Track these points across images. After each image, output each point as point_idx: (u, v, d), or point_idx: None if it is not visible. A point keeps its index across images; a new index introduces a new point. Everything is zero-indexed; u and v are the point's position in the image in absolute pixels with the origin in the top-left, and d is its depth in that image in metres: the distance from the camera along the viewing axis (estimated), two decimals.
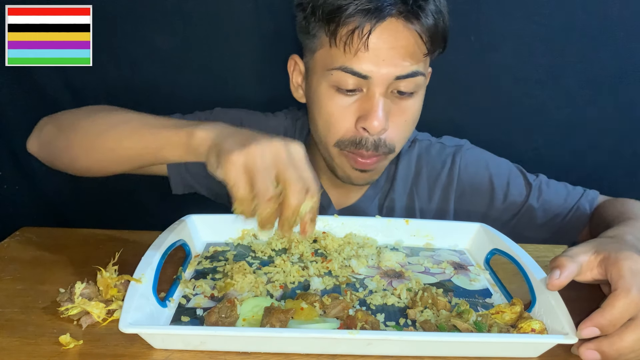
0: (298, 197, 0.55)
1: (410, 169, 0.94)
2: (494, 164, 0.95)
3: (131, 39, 1.06)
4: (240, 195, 0.55)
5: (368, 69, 0.74)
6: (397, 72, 0.75)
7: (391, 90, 0.77)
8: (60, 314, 0.56)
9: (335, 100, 0.78)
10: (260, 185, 0.54)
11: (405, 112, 0.79)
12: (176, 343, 0.52)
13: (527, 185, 0.92)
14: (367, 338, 0.50)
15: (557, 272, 0.55)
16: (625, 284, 0.51)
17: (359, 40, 0.73)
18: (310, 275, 0.66)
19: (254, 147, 0.55)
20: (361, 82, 0.76)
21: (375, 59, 0.74)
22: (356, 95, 0.77)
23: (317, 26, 0.77)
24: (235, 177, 0.54)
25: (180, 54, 1.08)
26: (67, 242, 0.76)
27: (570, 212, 0.90)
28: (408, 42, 0.74)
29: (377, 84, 0.75)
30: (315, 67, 0.80)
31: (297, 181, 0.55)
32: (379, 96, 0.76)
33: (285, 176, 0.55)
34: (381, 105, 0.76)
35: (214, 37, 1.06)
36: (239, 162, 0.54)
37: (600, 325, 0.51)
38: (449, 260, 0.73)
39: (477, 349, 0.53)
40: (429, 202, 0.94)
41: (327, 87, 0.78)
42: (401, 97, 0.78)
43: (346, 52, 0.74)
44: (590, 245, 0.58)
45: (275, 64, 1.09)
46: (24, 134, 1.15)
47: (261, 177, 0.54)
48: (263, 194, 0.54)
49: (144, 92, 1.10)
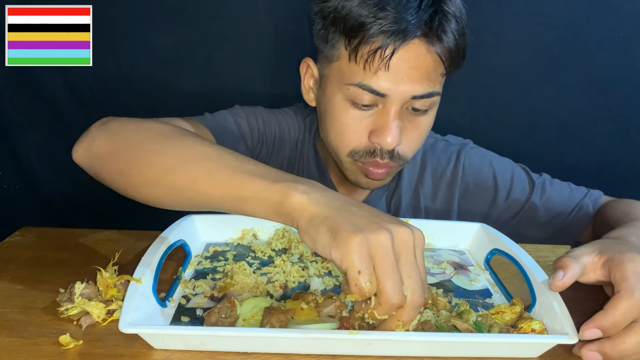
0: (418, 306, 0.49)
1: (415, 166, 0.95)
2: (498, 162, 0.95)
3: (131, 39, 1.06)
4: (362, 288, 0.47)
5: (386, 87, 0.74)
6: (414, 92, 0.74)
7: (406, 107, 0.77)
8: (60, 314, 0.56)
9: (350, 113, 0.78)
10: (390, 284, 0.47)
11: (418, 127, 0.79)
12: (176, 343, 0.52)
13: (530, 183, 0.93)
14: (367, 338, 0.50)
15: (561, 273, 0.55)
16: (628, 286, 0.51)
17: (380, 61, 0.72)
18: (310, 276, 0.66)
19: (385, 234, 0.47)
20: (377, 98, 0.75)
21: (395, 77, 0.73)
22: (371, 110, 0.77)
23: (337, 37, 0.76)
24: (360, 265, 0.47)
25: (180, 54, 1.08)
26: (67, 242, 0.76)
27: (573, 211, 0.90)
28: (428, 64, 0.74)
29: (394, 102, 0.75)
30: (332, 77, 0.80)
31: (421, 294, 0.49)
32: (394, 113, 0.75)
33: (408, 283, 0.48)
34: (396, 122, 0.76)
35: (214, 37, 1.06)
36: (365, 248, 0.47)
37: (602, 327, 0.51)
38: (449, 260, 0.73)
39: (477, 349, 0.53)
40: (434, 199, 0.95)
41: (342, 99, 0.78)
42: (415, 113, 0.78)
43: (366, 69, 0.73)
44: (594, 246, 0.58)
45: (276, 63, 1.09)
46: (24, 134, 1.15)
47: (391, 275, 0.47)
48: (392, 296, 0.47)
49: (144, 92, 1.10)
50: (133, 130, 0.67)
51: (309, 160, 0.94)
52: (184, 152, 0.61)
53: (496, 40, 1.05)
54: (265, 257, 0.71)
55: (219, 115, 0.91)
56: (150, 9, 1.04)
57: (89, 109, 1.11)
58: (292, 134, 0.95)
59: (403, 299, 0.48)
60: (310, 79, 0.87)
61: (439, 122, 0.83)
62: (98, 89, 1.09)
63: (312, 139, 0.95)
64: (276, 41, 1.06)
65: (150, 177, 0.62)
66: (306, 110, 0.98)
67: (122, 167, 0.64)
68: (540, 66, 1.07)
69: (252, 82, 1.11)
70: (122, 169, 0.64)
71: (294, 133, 0.95)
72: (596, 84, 1.08)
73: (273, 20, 1.05)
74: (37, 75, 1.07)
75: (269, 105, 1.01)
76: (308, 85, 0.88)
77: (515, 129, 1.13)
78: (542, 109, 1.11)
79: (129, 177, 0.64)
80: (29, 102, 1.10)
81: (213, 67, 1.09)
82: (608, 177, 1.12)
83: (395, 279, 0.47)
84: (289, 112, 0.98)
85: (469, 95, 1.09)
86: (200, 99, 1.10)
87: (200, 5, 1.05)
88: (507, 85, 1.09)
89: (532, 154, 1.12)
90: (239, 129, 0.90)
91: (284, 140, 0.94)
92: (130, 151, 0.64)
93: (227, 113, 0.92)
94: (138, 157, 0.63)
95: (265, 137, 0.93)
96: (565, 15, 1.03)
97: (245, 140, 0.90)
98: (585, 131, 1.12)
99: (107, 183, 0.67)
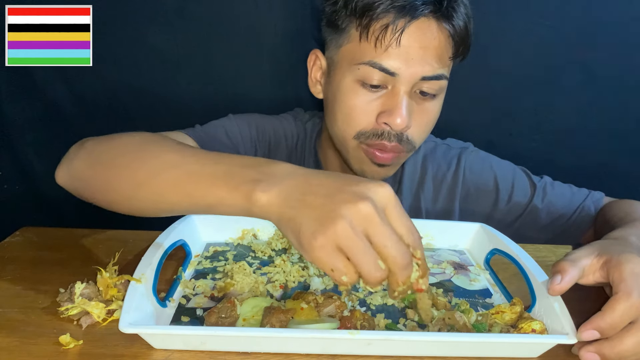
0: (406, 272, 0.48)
1: (416, 170, 0.95)
2: (499, 166, 0.95)
3: (131, 39, 1.06)
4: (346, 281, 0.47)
5: (397, 65, 0.74)
6: (424, 72, 0.75)
7: (415, 90, 0.77)
8: (60, 314, 0.56)
9: (359, 94, 0.78)
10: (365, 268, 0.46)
11: (426, 112, 0.79)
12: (176, 343, 0.52)
13: (532, 186, 0.92)
14: (367, 338, 0.50)
15: (559, 277, 0.55)
16: (626, 287, 0.51)
17: (391, 36, 0.73)
18: (310, 275, 0.66)
19: (340, 224, 0.45)
20: (387, 78, 0.75)
21: (405, 56, 0.74)
22: (380, 91, 0.77)
23: (348, 20, 0.77)
24: (330, 263, 0.46)
25: (180, 54, 1.08)
26: (67, 242, 0.76)
27: (575, 213, 0.90)
28: (439, 43, 0.75)
29: (404, 82, 0.75)
30: (341, 61, 0.80)
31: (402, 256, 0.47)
32: (403, 94, 0.75)
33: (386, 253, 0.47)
34: (405, 103, 0.75)
35: (214, 37, 1.06)
36: (329, 248, 0.46)
37: (600, 328, 0.51)
38: (449, 260, 0.73)
39: (477, 349, 0.53)
40: (434, 203, 0.95)
41: (352, 81, 0.78)
42: (424, 97, 0.78)
43: (377, 47, 0.74)
44: (592, 248, 0.58)
45: (276, 63, 1.09)
46: (24, 134, 1.15)
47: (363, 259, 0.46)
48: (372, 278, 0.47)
49: (144, 92, 1.10)
50: (106, 148, 0.67)
51: (309, 166, 0.93)
52: (151, 165, 0.60)
53: (496, 40, 1.05)
54: (265, 257, 0.71)
55: (209, 125, 0.91)
56: (150, 9, 1.04)
57: (88, 109, 1.11)
58: (289, 140, 0.95)
59: (385, 271, 0.47)
60: (317, 71, 0.87)
61: (439, 123, 0.83)
62: (98, 89, 1.09)
63: (312, 144, 0.95)
64: (276, 41, 1.06)
65: (125, 193, 0.62)
66: (306, 115, 0.98)
67: (100, 185, 0.65)
68: (540, 66, 1.07)
69: (252, 82, 1.11)
70: (100, 188, 0.65)
71: (291, 138, 0.95)
72: (596, 84, 1.08)
73: (273, 20, 1.05)
74: (37, 75, 1.07)
75: (269, 105, 1.01)
76: (315, 78, 0.88)
77: (515, 130, 1.13)
78: (542, 109, 1.11)
79: (107, 194, 0.65)
80: (29, 102, 1.10)
81: (213, 67, 1.09)
82: (608, 178, 1.12)
83: (369, 261, 0.46)
84: (287, 117, 0.98)
85: (469, 96, 1.09)
86: (200, 99, 1.10)
87: (200, 6, 1.05)
88: (507, 86, 1.09)
89: (532, 154, 1.12)
90: (230, 137, 0.90)
91: (280, 145, 0.94)
92: (105, 170, 0.65)
93: (218, 122, 0.92)
94: (112, 174, 0.64)
95: (259, 144, 0.93)
96: (565, 15, 1.03)
97: (237, 148, 0.90)
98: (586, 132, 1.11)
99: (91, 202, 0.68)
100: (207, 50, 1.07)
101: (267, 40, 1.07)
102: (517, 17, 1.04)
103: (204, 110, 1.06)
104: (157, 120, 1.09)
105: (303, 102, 1.05)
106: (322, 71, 0.86)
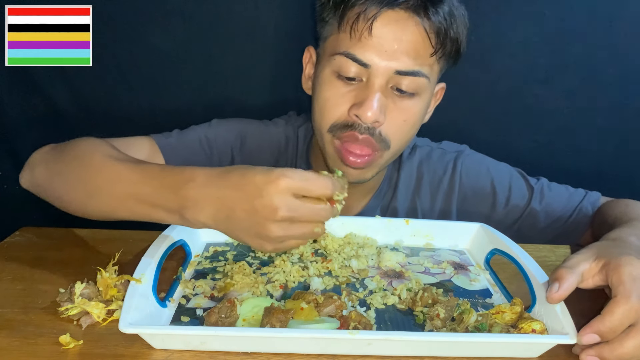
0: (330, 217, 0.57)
1: (412, 176, 0.94)
2: (495, 169, 0.94)
3: (131, 39, 1.06)
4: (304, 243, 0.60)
5: (369, 57, 0.74)
6: (398, 66, 0.74)
7: (391, 86, 0.76)
8: (60, 314, 0.56)
9: (334, 86, 0.78)
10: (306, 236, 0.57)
11: (404, 111, 0.78)
12: (176, 343, 0.52)
13: (529, 189, 0.92)
14: (367, 338, 0.50)
15: (556, 285, 0.55)
16: (625, 290, 0.51)
17: (364, 24, 0.73)
18: (310, 275, 0.66)
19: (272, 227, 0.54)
20: (362, 71, 0.75)
21: (379, 48, 0.73)
22: (355, 84, 0.77)
23: (330, 12, 0.78)
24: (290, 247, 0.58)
25: (180, 54, 1.08)
26: (67, 242, 0.76)
27: (573, 214, 0.89)
28: (414, 38, 0.74)
29: (377, 74, 0.74)
30: (324, 54, 0.80)
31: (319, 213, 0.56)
32: (377, 87, 0.75)
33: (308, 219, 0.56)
34: (377, 96, 0.75)
35: (214, 37, 1.06)
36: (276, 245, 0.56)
37: (600, 332, 0.51)
38: (449, 260, 0.73)
39: (477, 349, 0.53)
40: (431, 209, 0.94)
41: (329, 72, 0.78)
42: (401, 95, 0.77)
43: (352, 36, 0.74)
44: (591, 251, 0.58)
45: (276, 64, 1.09)
46: (24, 134, 1.15)
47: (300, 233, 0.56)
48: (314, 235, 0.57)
49: (144, 92, 1.10)
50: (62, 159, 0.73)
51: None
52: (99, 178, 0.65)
53: (496, 40, 1.05)
54: (265, 257, 0.71)
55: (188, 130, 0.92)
56: (150, 9, 1.04)
57: (89, 109, 1.11)
58: (276, 144, 0.94)
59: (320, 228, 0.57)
60: (311, 67, 0.87)
61: (439, 123, 0.83)
62: (98, 89, 1.09)
63: (305, 147, 0.94)
64: (276, 41, 1.06)
65: (79, 201, 0.69)
66: (299, 119, 0.97)
67: (58, 193, 0.72)
68: (540, 66, 1.07)
69: (252, 82, 1.11)
70: (58, 195, 0.72)
71: (278, 143, 0.94)
72: (596, 84, 1.08)
73: (273, 20, 1.05)
74: (37, 75, 1.07)
75: (269, 105, 1.01)
76: (308, 74, 0.88)
77: (515, 129, 1.12)
78: (542, 109, 1.10)
79: (64, 202, 0.71)
80: (29, 102, 1.10)
81: (213, 67, 1.09)
82: (608, 178, 1.12)
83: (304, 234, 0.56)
84: (279, 121, 0.97)
85: (468, 95, 1.09)
86: (200, 98, 1.10)
87: (200, 5, 1.05)
88: (507, 86, 1.09)
89: (532, 154, 1.12)
90: (204, 144, 0.91)
91: (263, 150, 0.94)
92: (61, 180, 0.71)
93: (198, 128, 0.92)
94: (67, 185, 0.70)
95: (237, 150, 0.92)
96: (564, 15, 1.03)
97: (211, 155, 0.90)
98: (586, 132, 1.11)
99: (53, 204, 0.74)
100: (207, 50, 1.07)
101: (267, 40, 1.07)
102: (517, 17, 1.04)
103: (204, 110, 1.06)
104: (157, 120, 1.10)
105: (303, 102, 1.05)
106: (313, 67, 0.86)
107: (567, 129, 1.12)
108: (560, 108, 1.10)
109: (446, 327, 0.56)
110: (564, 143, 1.13)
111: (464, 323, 0.56)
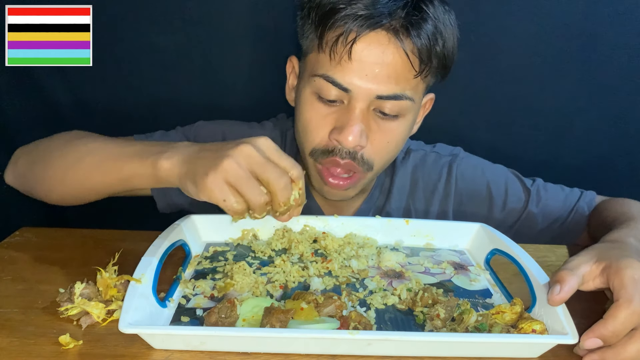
0: (285, 193, 0.60)
1: (406, 181, 0.93)
2: (491, 171, 0.93)
3: (131, 39, 1.06)
4: (235, 210, 0.59)
5: (349, 81, 0.71)
6: (378, 91, 0.72)
7: (373, 108, 0.74)
8: (60, 314, 0.56)
9: (314, 108, 0.75)
10: (250, 195, 0.58)
11: (387, 133, 0.76)
12: (176, 343, 0.52)
13: (526, 191, 0.91)
14: (367, 338, 0.50)
15: (558, 287, 0.55)
16: (627, 294, 0.51)
17: (343, 47, 0.70)
18: (310, 276, 0.66)
19: (226, 161, 0.57)
20: (342, 94, 0.73)
21: (359, 72, 0.71)
22: (336, 106, 0.75)
23: (310, 28, 0.75)
24: (222, 195, 0.58)
25: (180, 54, 1.08)
26: (67, 242, 0.76)
27: (570, 215, 0.89)
28: (395, 61, 0.71)
29: (358, 99, 0.72)
30: (304, 71, 0.78)
31: (280, 178, 0.59)
32: (358, 112, 0.73)
33: (266, 177, 0.59)
34: (358, 121, 0.73)
35: (213, 38, 1.06)
36: (219, 181, 0.57)
37: (602, 336, 0.51)
38: (449, 260, 0.73)
39: (477, 349, 0.53)
40: (427, 214, 0.92)
41: (310, 93, 0.76)
42: (384, 117, 0.75)
43: (331, 59, 0.71)
44: (591, 253, 0.58)
45: (275, 65, 1.09)
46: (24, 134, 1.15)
47: (248, 187, 0.58)
48: (257, 202, 0.59)
49: (144, 92, 1.10)
50: (42, 147, 0.80)
51: None
52: (80, 151, 0.73)
53: (496, 40, 1.05)
54: (265, 257, 0.71)
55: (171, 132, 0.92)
56: (150, 9, 1.04)
57: (89, 109, 1.11)
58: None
59: (267, 195, 0.59)
60: (294, 78, 0.85)
61: (439, 123, 0.83)
62: (98, 89, 1.09)
63: (294, 150, 0.91)
64: (276, 42, 1.06)
65: (58, 177, 0.75)
66: (288, 123, 0.95)
67: (38, 176, 0.78)
68: (540, 67, 1.07)
69: (251, 82, 1.11)
70: (39, 178, 0.78)
71: None
72: (595, 84, 1.08)
73: (273, 21, 1.05)
74: (37, 75, 1.07)
75: (267, 108, 1.01)
76: (292, 85, 0.86)
77: (514, 130, 1.12)
78: (542, 109, 1.11)
79: (45, 181, 0.77)
80: (29, 102, 1.10)
81: (213, 67, 1.09)
82: (608, 177, 1.12)
83: (252, 187, 0.58)
84: (267, 124, 0.95)
85: (468, 95, 1.09)
86: (200, 98, 1.10)
87: (200, 6, 1.05)
88: (507, 85, 1.09)
89: (532, 154, 1.12)
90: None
91: None
92: (42, 161, 0.77)
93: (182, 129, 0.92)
94: (47, 163, 0.76)
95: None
96: (565, 15, 1.03)
97: None
98: (586, 132, 1.11)
99: (34, 195, 0.81)
100: (207, 50, 1.07)
101: (267, 40, 1.07)
102: (517, 17, 1.04)
103: (204, 110, 1.06)
104: (157, 120, 1.09)
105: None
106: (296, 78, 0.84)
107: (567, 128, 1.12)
108: (560, 109, 1.10)
109: (446, 327, 0.56)
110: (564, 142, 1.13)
111: (464, 323, 0.56)
